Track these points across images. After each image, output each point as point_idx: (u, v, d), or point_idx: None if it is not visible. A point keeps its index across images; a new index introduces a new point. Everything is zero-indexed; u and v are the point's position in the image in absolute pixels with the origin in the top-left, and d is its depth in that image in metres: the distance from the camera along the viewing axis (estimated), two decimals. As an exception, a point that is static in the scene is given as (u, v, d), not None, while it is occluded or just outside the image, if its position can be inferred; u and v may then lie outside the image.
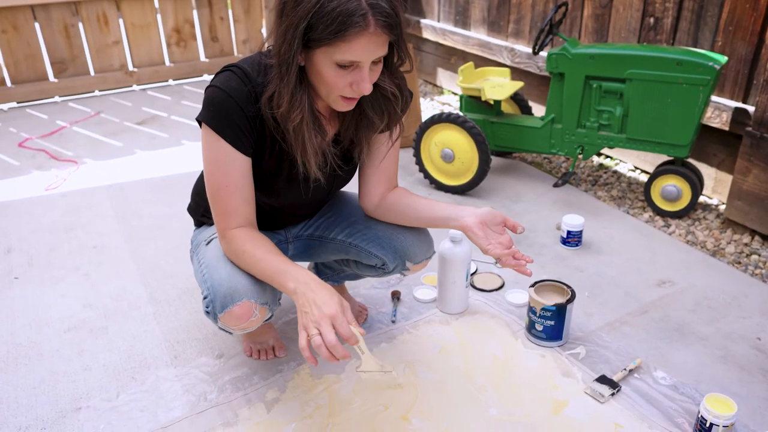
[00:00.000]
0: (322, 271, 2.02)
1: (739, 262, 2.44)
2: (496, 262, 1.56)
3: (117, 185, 3.12)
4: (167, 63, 4.74)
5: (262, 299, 1.52)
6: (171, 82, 4.80)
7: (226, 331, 1.59)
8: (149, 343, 1.99)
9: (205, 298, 1.55)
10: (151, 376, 1.85)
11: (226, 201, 1.48)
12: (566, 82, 2.79)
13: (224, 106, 1.41)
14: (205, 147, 1.47)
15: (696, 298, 2.20)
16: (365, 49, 1.29)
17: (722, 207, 2.84)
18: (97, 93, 4.55)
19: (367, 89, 1.36)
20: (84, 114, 4.16)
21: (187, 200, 1.88)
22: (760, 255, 2.48)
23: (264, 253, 1.45)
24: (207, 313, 1.54)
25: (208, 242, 1.64)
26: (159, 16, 4.61)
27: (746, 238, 2.58)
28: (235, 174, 1.46)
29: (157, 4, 4.57)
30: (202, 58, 4.87)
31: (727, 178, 2.82)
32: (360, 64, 1.32)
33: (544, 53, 3.41)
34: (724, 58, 2.54)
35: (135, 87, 4.68)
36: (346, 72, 1.33)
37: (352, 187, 1.84)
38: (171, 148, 3.60)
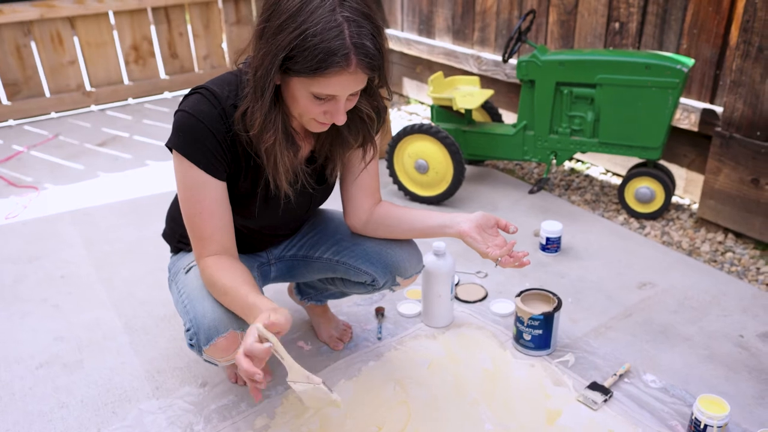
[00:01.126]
0: (304, 291, 1.98)
1: (715, 261, 2.47)
2: (496, 264, 1.54)
3: (81, 210, 3.03)
4: (126, 81, 4.64)
5: (248, 328, 1.48)
6: (131, 100, 4.69)
7: (212, 363, 1.53)
8: (128, 375, 1.93)
9: (187, 330, 1.49)
10: (133, 410, 1.78)
11: (201, 227, 1.44)
12: (537, 88, 2.80)
13: (194, 131, 1.37)
14: (177, 173, 1.43)
15: (677, 299, 2.22)
16: (343, 86, 1.27)
17: (695, 206, 2.88)
18: (53, 115, 4.42)
19: (340, 121, 1.34)
20: (41, 137, 4.04)
21: (157, 223, 1.83)
22: (734, 252, 2.51)
23: (233, 285, 1.39)
24: (191, 346, 1.48)
25: (188, 270, 1.58)
26: (116, 34, 4.51)
27: (720, 236, 2.61)
28: (208, 200, 1.42)
29: (113, 21, 4.47)
30: (162, 75, 4.77)
31: (698, 178, 2.86)
32: (336, 98, 1.30)
33: (513, 61, 3.42)
34: (691, 61, 2.58)
35: (93, 107, 4.56)
36: (322, 102, 1.31)
37: (333, 205, 1.82)
38: (135, 169, 3.51)
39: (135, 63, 4.63)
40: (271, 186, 1.46)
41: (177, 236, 1.70)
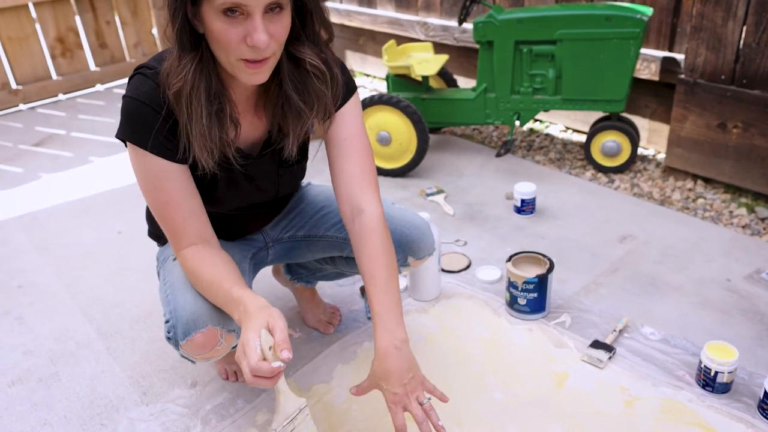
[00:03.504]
0: (295, 271, 1.88)
1: (688, 208, 2.49)
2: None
3: (29, 215, 2.83)
4: (54, 76, 4.36)
5: (230, 326, 1.38)
6: (61, 96, 4.42)
7: (189, 360, 1.42)
8: (111, 383, 1.80)
9: (166, 322, 1.38)
10: (123, 420, 1.66)
11: (172, 218, 1.32)
12: (495, 49, 2.75)
13: (141, 115, 1.24)
14: (134, 165, 1.31)
15: (659, 249, 2.22)
16: None
17: (660, 156, 2.90)
18: (-21, 117, 4.15)
19: (260, 40, 1.13)
20: (-30, 142, 3.78)
21: (113, 221, 1.69)
22: (705, 198, 2.53)
23: (215, 278, 1.29)
24: (168, 338, 1.38)
25: (176, 258, 1.46)
26: (38, 26, 4.23)
27: (689, 184, 2.63)
28: (172, 188, 1.30)
29: (34, 14, 4.19)
30: (92, 67, 4.52)
31: (662, 128, 2.87)
32: (248, 9, 1.13)
33: (467, 25, 3.36)
34: (649, 10, 2.56)
35: (22, 106, 4.28)
36: (237, 22, 1.13)
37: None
38: (79, 167, 3.31)
39: (62, 56, 4.37)
40: (187, 154, 1.27)
41: (160, 233, 1.57)
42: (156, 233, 1.61)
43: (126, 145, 1.30)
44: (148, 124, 1.24)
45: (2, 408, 1.75)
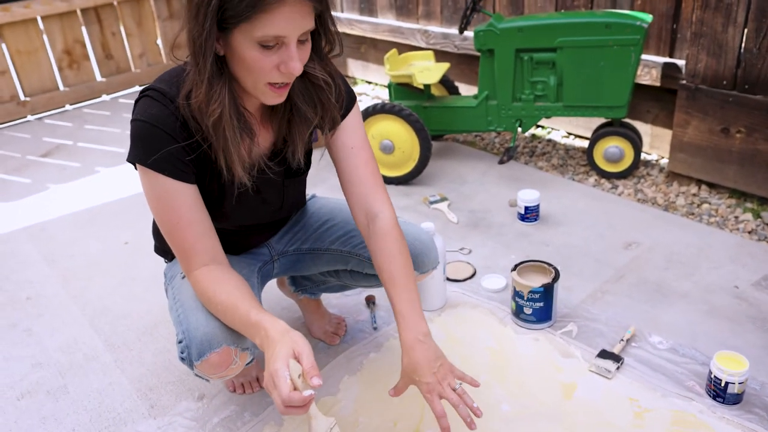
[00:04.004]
0: (300, 283, 1.88)
1: (693, 213, 2.48)
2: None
3: (37, 225, 2.84)
4: (61, 88, 4.40)
5: (243, 344, 1.38)
6: (68, 107, 4.45)
7: (203, 379, 1.44)
8: (119, 396, 1.80)
9: (179, 342, 1.38)
10: (131, 434, 1.67)
11: (182, 239, 1.33)
12: (497, 57, 2.75)
13: (151, 138, 1.26)
14: (145, 187, 1.32)
15: (665, 255, 2.22)
16: (289, 20, 1.14)
17: (663, 161, 2.89)
18: (-12, 128, 4.18)
19: (296, 68, 1.19)
20: (-22, 153, 3.79)
21: (119, 232, 1.69)
22: (710, 203, 2.53)
23: (231, 301, 1.29)
24: (182, 359, 1.38)
25: (184, 275, 1.46)
26: (46, 39, 4.26)
27: (693, 189, 2.62)
28: (183, 208, 1.31)
29: (42, 27, 4.23)
30: (99, 77, 4.54)
31: (664, 133, 2.87)
32: (285, 40, 1.16)
33: (467, 32, 3.36)
34: (649, 17, 2.57)
35: (30, 117, 4.31)
36: (272, 52, 1.17)
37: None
38: (86, 178, 3.32)
39: (69, 68, 4.40)
40: (224, 173, 1.32)
41: (167, 248, 1.57)
42: (163, 248, 1.61)
43: (136, 168, 1.31)
44: (158, 146, 1.26)
45: (11, 421, 1.75)
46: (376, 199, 1.46)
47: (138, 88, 4.50)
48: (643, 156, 2.96)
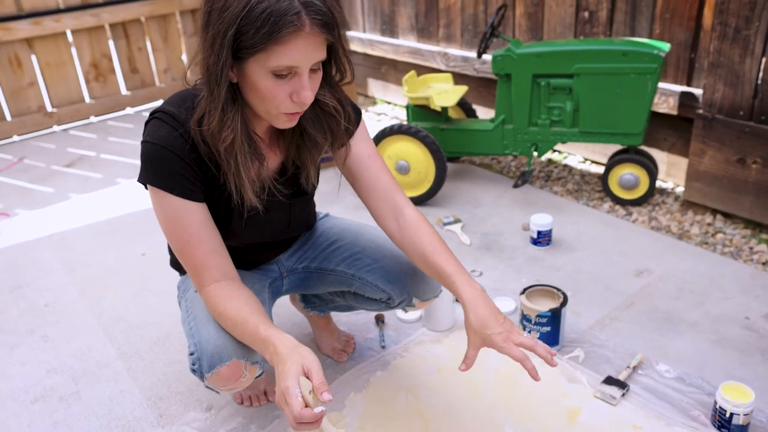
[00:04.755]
0: (309, 300, 1.91)
1: (707, 243, 2.48)
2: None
3: (57, 234, 2.90)
4: (87, 100, 4.50)
5: (253, 358, 1.41)
6: (93, 119, 4.55)
7: (213, 390, 1.46)
8: (129, 404, 1.83)
9: (191, 354, 1.41)
10: (138, 443, 1.70)
11: (193, 257, 1.36)
12: (514, 82, 2.78)
13: (161, 159, 1.30)
14: (156, 207, 1.37)
15: (676, 284, 2.21)
16: (302, 51, 1.18)
17: (679, 190, 2.89)
18: (16, 138, 4.27)
19: (308, 98, 1.23)
20: (6, 162, 3.88)
21: (136, 243, 1.73)
22: (725, 233, 2.52)
23: (241, 316, 1.32)
24: (193, 371, 1.41)
25: (197, 290, 1.50)
26: (75, 52, 4.37)
27: (708, 218, 2.62)
28: (194, 226, 1.35)
29: (71, 40, 4.34)
30: (124, 91, 4.65)
31: (680, 161, 2.87)
32: (298, 70, 1.20)
33: (485, 56, 3.40)
34: (667, 45, 2.58)
35: (56, 128, 4.42)
36: (284, 81, 1.21)
37: (353, 215, 1.74)
38: (107, 189, 3.39)
39: (95, 81, 4.51)
40: (234, 196, 1.36)
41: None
42: (177, 262, 1.65)
43: (146, 188, 1.34)
44: (167, 166, 1.30)
45: (25, 425, 1.79)
46: (400, 198, 1.51)
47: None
48: (658, 184, 2.96)
